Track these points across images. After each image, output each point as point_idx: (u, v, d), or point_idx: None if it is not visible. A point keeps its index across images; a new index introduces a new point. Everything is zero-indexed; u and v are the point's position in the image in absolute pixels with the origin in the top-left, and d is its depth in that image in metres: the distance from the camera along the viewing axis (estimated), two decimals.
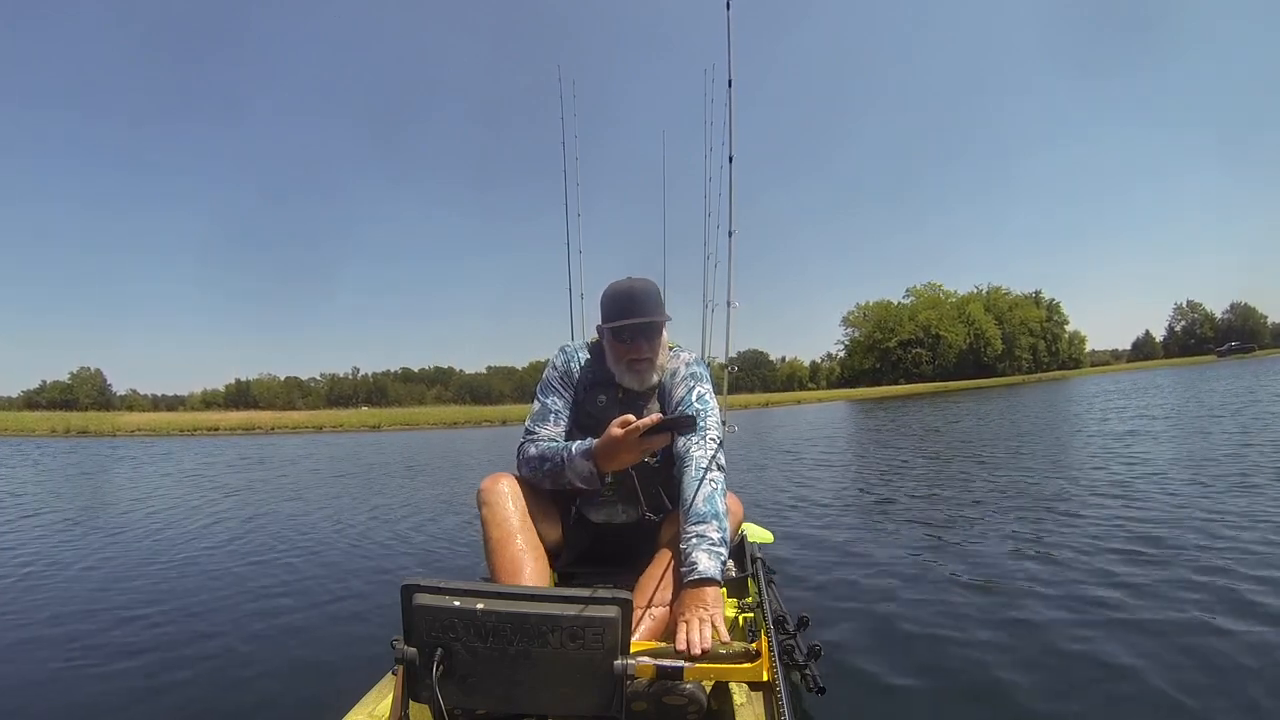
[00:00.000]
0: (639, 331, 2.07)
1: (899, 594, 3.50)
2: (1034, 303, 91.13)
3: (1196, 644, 2.60)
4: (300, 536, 5.73)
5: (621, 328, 2.07)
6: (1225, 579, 3.27)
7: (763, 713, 1.57)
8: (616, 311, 2.08)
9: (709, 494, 1.86)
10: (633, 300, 2.07)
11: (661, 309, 2.11)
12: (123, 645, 3.11)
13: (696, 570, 1.72)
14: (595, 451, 1.90)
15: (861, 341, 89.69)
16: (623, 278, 2.15)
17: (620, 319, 2.07)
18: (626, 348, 2.09)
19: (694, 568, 1.73)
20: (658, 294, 2.13)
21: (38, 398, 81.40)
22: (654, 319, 2.07)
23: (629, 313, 2.06)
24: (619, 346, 2.10)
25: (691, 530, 1.81)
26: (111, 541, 5.78)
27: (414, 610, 1.34)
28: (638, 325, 2.06)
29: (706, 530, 1.80)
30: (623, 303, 2.08)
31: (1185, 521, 4.44)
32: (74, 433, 33.79)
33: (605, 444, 1.87)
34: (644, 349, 2.09)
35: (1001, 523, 4.95)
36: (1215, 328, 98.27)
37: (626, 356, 2.09)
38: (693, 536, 1.79)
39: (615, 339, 2.11)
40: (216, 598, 3.90)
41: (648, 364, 2.11)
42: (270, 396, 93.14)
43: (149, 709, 2.45)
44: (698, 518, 1.82)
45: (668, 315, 2.13)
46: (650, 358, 2.10)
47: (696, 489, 1.87)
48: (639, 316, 2.05)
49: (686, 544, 1.79)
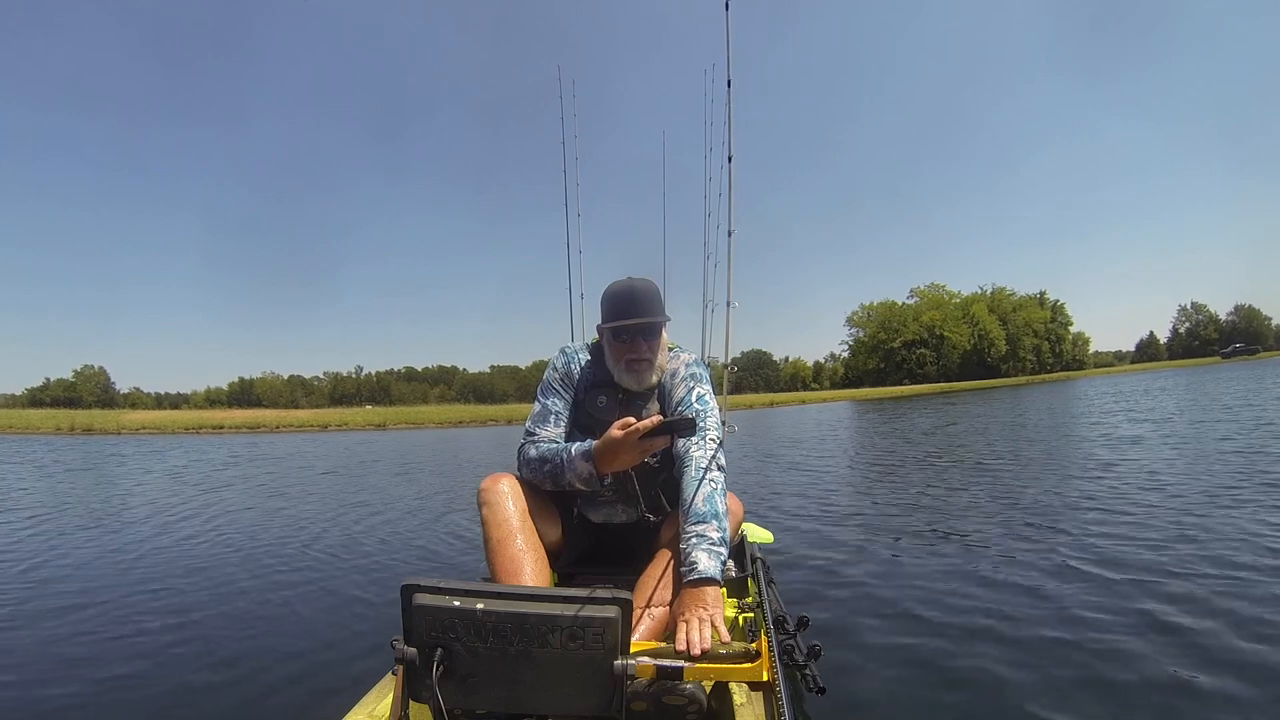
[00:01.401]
0: (638, 332, 2.07)
1: (899, 595, 3.50)
2: (1038, 303, 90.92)
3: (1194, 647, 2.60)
4: (301, 535, 5.74)
5: (621, 328, 2.08)
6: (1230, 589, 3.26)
7: (763, 713, 1.57)
8: (616, 311, 2.08)
9: (709, 494, 1.86)
10: (632, 300, 2.07)
11: (661, 309, 2.11)
12: (122, 645, 3.11)
13: (696, 570, 1.72)
14: (595, 453, 1.91)
15: (865, 342, 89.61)
16: (622, 278, 2.15)
17: (619, 319, 2.07)
18: (626, 348, 2.09)
19: (694, 567, 1.73)
20: (657, 294, 2.13)
21: (42, 395, 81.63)
22: (653, 319, 2.07)
23: (628, 313, 2.06)
24: (618, 346, 2.10)
25: (691, 530, 1.81)
26: (113, 539, 5.80)
27: (414, 610, 1.35)
28: (636, 325, 2.06)
29: (706, 530, 1.80)
30: (622, 303, 2.08)
31: (1187, 531, 4.42)
32: (79, 431, 33.92)
33: (605, 445, 1.87)
34: (643, 349, 2.09)
35: (1003, 525, 4.93)
36: (1220, 329, 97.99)
37: (625, 357, 2.09)
38: (692, 536, 1.79)
39: (615, 339, 2.11)
40: (216, 597, 3.90)
41: (647, 364, 2.11)
42: (273, 395, 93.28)
43: (149, 709, 2.45)
44: (697, 517, 1.82)
45: (667, 315, 2.13)
46: (649, 358, 2.10)
47: (696, 489, 1.87)
48: (638, 317, 2.05)
49: (686, 543, 1.79)
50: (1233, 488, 5.52)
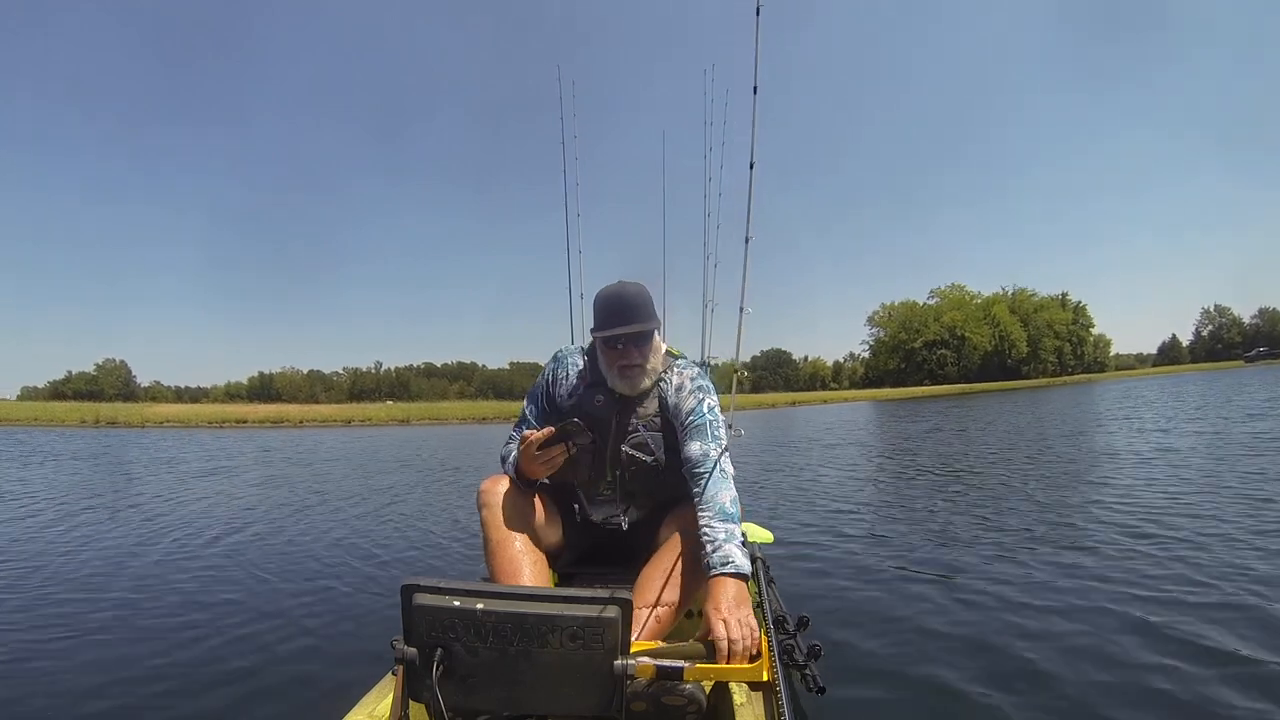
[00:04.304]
0: (629, 339, 2.08)
1: (899, 595, 3.51)
2: (1060, 305, 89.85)
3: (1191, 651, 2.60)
4: (300, 534, 5.68)
5: (613, 336, 2.08)
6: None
7: (763, 713, 1.57)
8: (607, 319, 2.08)
9: (734, 497, 1.90)
10: (623, 307, 2.07)
11: (652, 315, 2.12)
12: (121, 645, 3.09)
13: (733, 563, 1.74)
14: (516, 463, 2.00)
15: (886, 342, 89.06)
16: (614, 281, 2.16)
17: (610, 327, 2.07)
18: (618, 355, 2.09)
19: (730, 560, 1.74)
20: (649, 299, 2.13)
21: (64, 388, 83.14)
22: (643, 327, 2.07)
23: (619, 320, 2.06)
24: (610, 353, 2.11)
25: (720, 526, 1.82)
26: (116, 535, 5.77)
27: (414, 610, 1.35)
28: (628, 334, 2.06)
29: (734, 531, 1.82)
30: (612, 310, 2.08)
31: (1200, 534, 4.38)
32: (103, 423, 34.50)
33: (521, 456, 1.95)
34: (634, 356, 2.09)
35: (1005, 527, 4.91)
36: (1243, 333, 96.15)
37: (618, 363, 2.10)
38: (721, 531, 1.81)
39: (607, 346, 2.11)
40: (216, 597, 3.85)
41: (638, 370, 2.11)
42: (293, 390, 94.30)
43: (148, 709, 2.44)
44: (725, 515, 1.84)
45: (658, 320, 2.14)
46: (640, 364, 2.10)
47: (720, 490, 1.90)
48: (629, 324, 2.05)
49: (715, 536, 1.80)
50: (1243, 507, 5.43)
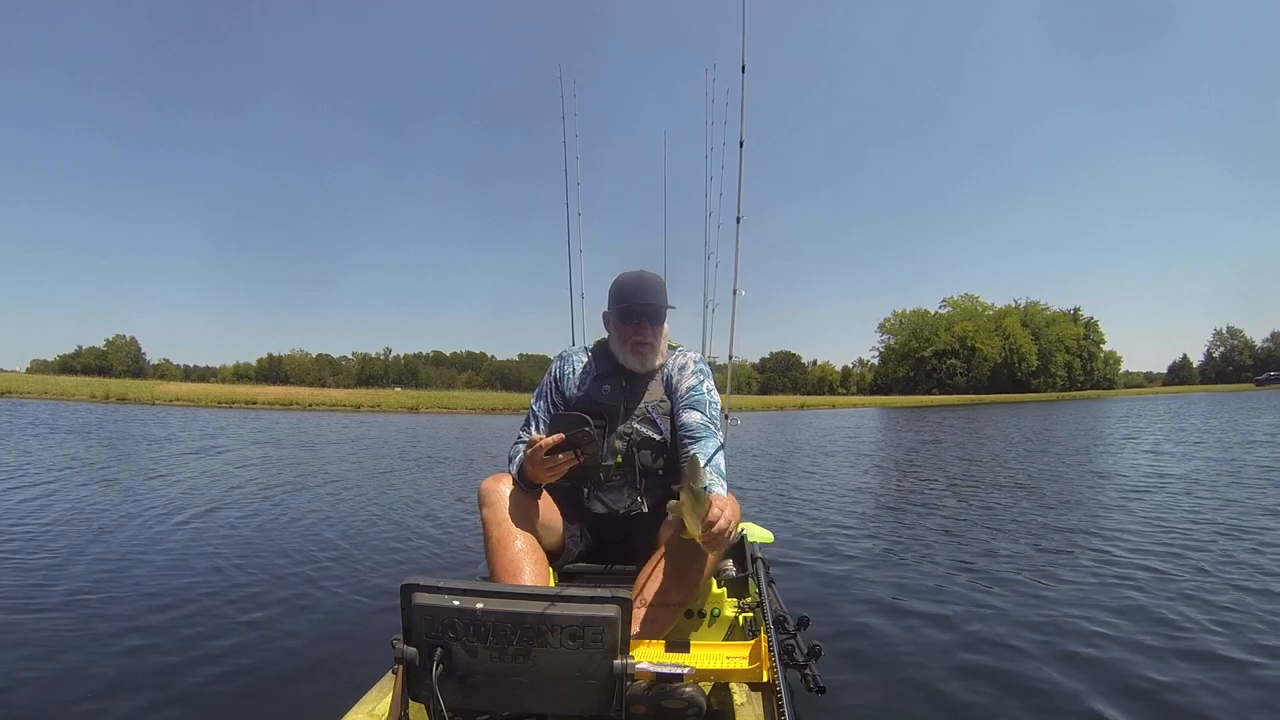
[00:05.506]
0: (644, 315, 2.22)
1: (899, 595, 3.51)
2: (1071, 319, 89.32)
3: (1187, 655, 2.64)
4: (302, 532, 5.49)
5: (629, 309, 2.22)
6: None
7: (763, 713, 1.57)
8: (626, 295, 2.24)
9: (716, 463, 2.03)
10: (641, 286, 2.24)
11: (666, 299, 2.26)
12: (120, 644, 3.01)
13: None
14: (522, 466, 2.02)
15: (896, 349, 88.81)
16: (634, 269, 2.31)
17: (630, 300, 2.22)
18: (632, 330, 2.22)
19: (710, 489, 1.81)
20: (663, 287, 2.28)
21: (73, 362, 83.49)
22: (660, 303, 2.23)
23: (637, 296, 2.22)
24: (624, 329, 2.24)
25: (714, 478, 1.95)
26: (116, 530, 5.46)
27: (414, 610, 1.36)
28: (643, 307, 2.21)
29: (721, 485, 1.96)
30: (632, 288, 2.24)
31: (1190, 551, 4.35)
32: (113, 399, 34.75)
33: (527, 460, 1.98)
34: (647, 332, 2.23)
35: (1006, 530, 4.92)
36: (1255, 356, 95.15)
37: (631, 339, 2.23)
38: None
39: (622, 322, 2.25)
40: (215, 597, 3.72)
41: (650, 347, 2.24)
42: (301, 372, 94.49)
43: (148, 708, 2.42)
44: (718, 471, 2.00)
45: (672, 305, 2.28)
46: (652, 341, 2.24)
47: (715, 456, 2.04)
48: (648, 299, 2.21)
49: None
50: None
